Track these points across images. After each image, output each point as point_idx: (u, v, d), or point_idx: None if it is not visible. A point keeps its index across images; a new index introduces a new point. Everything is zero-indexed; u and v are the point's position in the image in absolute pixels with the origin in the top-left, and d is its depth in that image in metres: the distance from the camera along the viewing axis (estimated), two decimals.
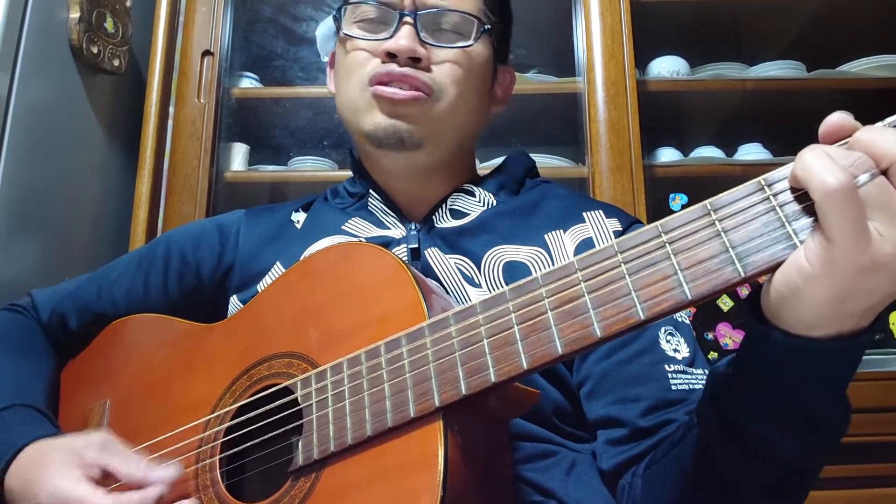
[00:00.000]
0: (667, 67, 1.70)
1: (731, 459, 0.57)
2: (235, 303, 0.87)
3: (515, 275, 0.77)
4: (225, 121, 1.60)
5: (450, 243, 0.82)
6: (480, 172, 0.95)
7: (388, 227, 0.86)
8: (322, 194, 0.96)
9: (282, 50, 1.82)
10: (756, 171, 0.50)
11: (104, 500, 0.63)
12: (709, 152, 1.69)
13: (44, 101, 1.29)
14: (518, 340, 0.54)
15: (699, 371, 0.74)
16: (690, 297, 0.48)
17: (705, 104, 1.73)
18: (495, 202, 0.87)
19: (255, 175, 1.68)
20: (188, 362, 0.78)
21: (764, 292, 0.49)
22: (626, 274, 0.50)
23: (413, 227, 0.84)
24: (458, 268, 0.80)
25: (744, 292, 1.40)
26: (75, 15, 1.35)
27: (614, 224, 0.84)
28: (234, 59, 1.68)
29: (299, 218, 0.92)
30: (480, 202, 0.87)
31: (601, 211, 0.85)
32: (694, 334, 0.79)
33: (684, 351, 0.75)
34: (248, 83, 1.73)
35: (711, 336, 1.56)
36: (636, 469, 0.69)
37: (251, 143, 1.72)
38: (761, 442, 0.55)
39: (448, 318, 0.58)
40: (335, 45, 0.93)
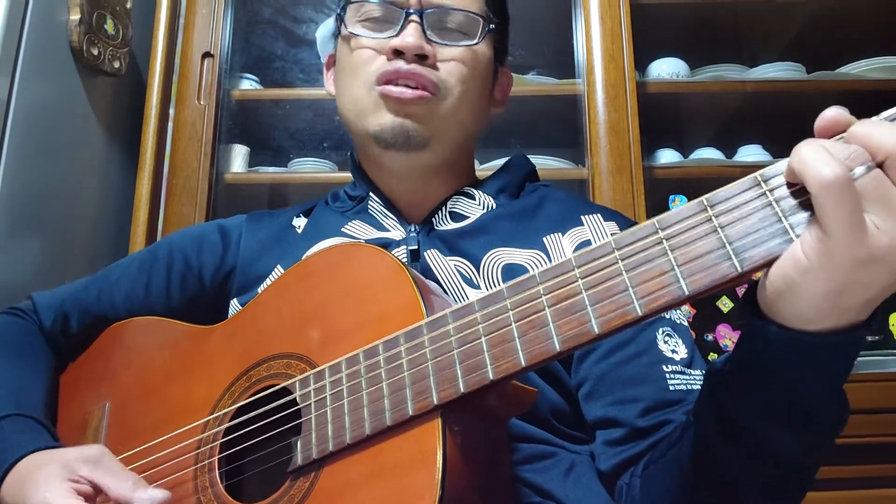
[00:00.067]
0: (666, 69, 1.71)
1: (731, 459, 0.57)
2: (236, 306, 0.87)
3: (514, 277, 0.77)
4: (225, 122, 1.60)
5: (449, 245, 0.82)
6: (480, 174, 0.95)
7: (388, 230, 0.86)
8: (322, 199, 0.96)
9: (282, 51, 1.82)
10: None
11: None
12: (709, 154, 1.69)
13: (44, 103, 1.29)
14: (516, 338, 0.54)
15: (697, 372, 0.74)
16: (687, 293, 0.48)
17: (705, 106, 1.73)
18: (495, 205, 0.88)
19: (256, 177, 1.68)
20: (187, 364, 0.78)
21: (760, 287, 0.49)
22: (623, 270, 0.50)
23: (413, 229, 0.84)
24: (458, 269, 0.80)
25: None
26: (76, 17, 1.35)
27: (612, 227, 0.84)
28: (235, 61, 1.68)
29: (300, 223, 0.93)
30: (480, 205, 0.87)
31: (599, 214, 0.86)
32: (692, 335, 0.79)
33: (682, 352, 0.75)
34: (249, 85, 1.73)
35: (711, 337, 1.56)
36: (634, 469, 0.69)
37: (251, 145, 1.72)
38: (761, 441, 0.55)
39: (446, 317, 0.58)
40: (334, 47, 0.93)
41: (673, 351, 0.75)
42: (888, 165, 0.43)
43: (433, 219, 0.86)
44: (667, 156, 1.69)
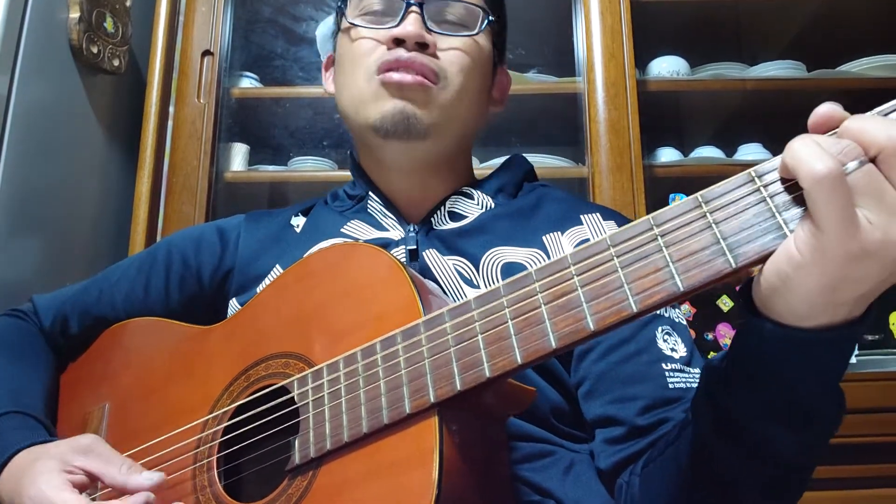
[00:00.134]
0: (667, 67, 1.71)
1: (730, 459, 0.57)
2: (235, 306, 0.87)
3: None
4: (225, 121, 1.60)
5: (448, 245, 0.83)
6: (480, 173, 0.95)
7: (387, 230, 0.86)
8: (322, 198, 0.96)
9: (282, 50, 1.82)
10: None
11: None
12: (709, 152, 1.69)
13: (44, 102, 1.29)
14: (512, 335, 0.54)
15: (696, 370, 0.74)
16: (682, 289, 0.48)
17: (705, 104, 1.73)
18: (493, 205, 0.88)
19: (255, 175, 1.68)
20: (186, 364, 0.78)
21: (755, 283, 0.49)
22: (619, 267, 0.50)
23: (412, 229, 0.85)
24: (457, 269, 0.80)
25: None
26: (75, 15, 1.35)
27: (611, 226, 0.84)
28: (234, 59, 1.68)
29: (299, 222, 0.93)
30: (479, 205, 0.88)
31: (598, 213, 0.86)
32: (691, 334, 0.79)
33: (681, 350, 0.75)
34: (248, 83, 1.73)
35: (711, 336, 1.56)
36: (634, 468, 0.69)
37: (251, 144, 1.72)
38: (761, 441, 0.55)
39: (443, 315, 0.58)
40: (333, 45, 0.93)
41: (672, 349, 0.75)
42: (881, 160, 0.43)
43: (432, 218, 0.86)
44: (667, 154, 1.69)
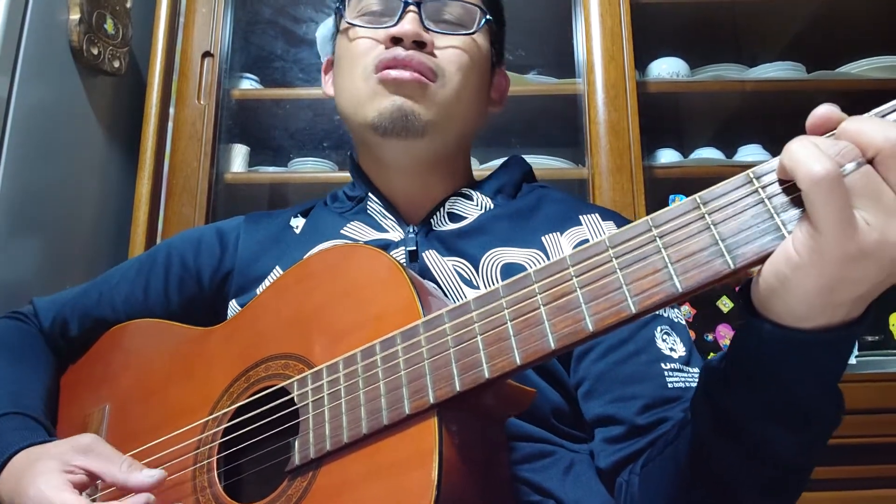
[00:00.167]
0: (666, 69, 1.71)
1: (729, 459, 0.57)
2: (234, 307, 0.87)
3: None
4: (225, 122, 1.60)
5: (448, 246, 0.83)
6: (480, 174, 0.96)
7: (387, 231, 0.86)
8: (321, 200, 0.96)
9: (282, 51, 1.82)
10: None
11: None
12: (708, 153, 1.69)
13: (44, 103, 1.29)
14: (511, 336, 0.54)
15: (695, 369, 0.75)
16: (681, 290, 0.48)
17: (705, 105, 1.73)
18: (492, 205, 0.88)
19: (256, 176, 1.69)
20: (187, 366, 0.78)
21: (754, 284, 0.49)
22: (618, 268, 0.51)
23: (411, 230, 0.85)
24: (456, 270, 0.80)
25: None
26: (75, 16, 1.35)
27: (610, 226, 0.84)
28: (235, 61, 1.68)
29: (298, 223, 0.93)
30: (478, 206, 0.88)
31: (597, 214, 0.86)
32: (690, 333, 0.79)
33: (680, 350, 0.75)
34: (249, 84, 1.73)
35: (711, 337, 1.56)
36: (633, 467, 0.69)
37: (251, 145, 1.72)
38: (760, 442, 0.55)
39: (442, 316, 0.58)
40: (332, 48, 0.93)
41: (671, 349, 0.75)
42: (878, 161, 0.43)
43: (431, 219, 0.86)
44: (667, 155, 1.69)
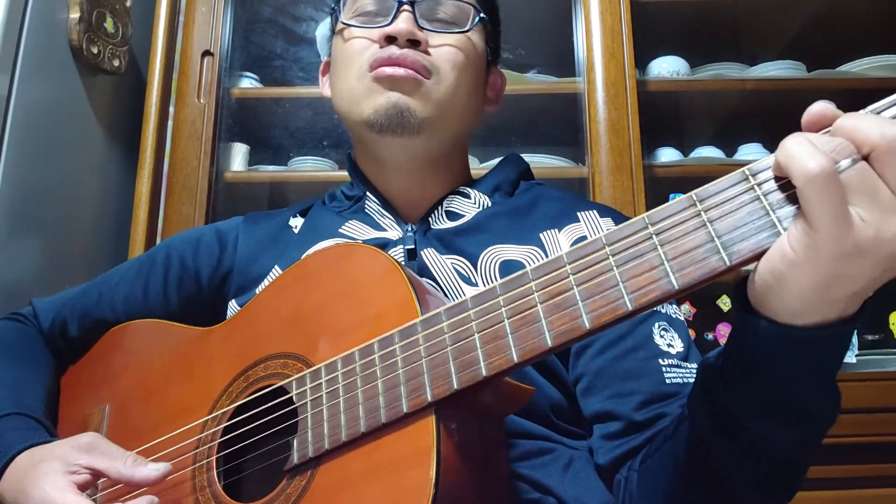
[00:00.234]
0: (667, 67, 1.70)
1: (726, 456, 0.57)
2: (234, 307, 0.88)
3: (512, 273, 0.77)
4: (225, 121, 1.60)
5: (446, 244, 0.83)
6: (479, 173, 0.96)
7: (385, 229, 0.86)
8: (319, 199, 0.97)
9: (282, 50, 1.82)
10: None
11: None
12: (709, 152, 1.69)
13: (44, 102, 1.29)
14: (508, 334, 0.54)
15: (693, 365, 0.75)
16: (677, 287, 0.48)
17: (705, 104, 1.73)
18: (490, 203, 0.88)
19: (255, 175, 1.69)
20: (186, 365, 0.78)
21: (750, 281, 0.49)
22: (614, 266, 0.51)
23: (410, 229, 0.85)
24: (455, 268, 0.80)
25: None
26: (75, 15, 1.35)
27: (608, 223, 0.84)
28: (234, 60, 1.68)
29: (297, 223, 0.93)
30: (476, 203, 0.88)
31: (595, 211, 0.86)
32: (688, 329, 0.80)
33: (678, 346, 0.76)
34: (248, 83, 1.73)
35: (711, 336, 1.56)
36: (632, 463, 0.69)
37: (251, 144, 1.72)
38: (755, 439, 0.55)
39: (440, 314, 0.58)
40: (329, 49, 0.94)
41: (669, 345, 0.75)
42: (873, 158, 0.43)
43: (429, 218, 0.86)
44: (667, 154, 1.69)
